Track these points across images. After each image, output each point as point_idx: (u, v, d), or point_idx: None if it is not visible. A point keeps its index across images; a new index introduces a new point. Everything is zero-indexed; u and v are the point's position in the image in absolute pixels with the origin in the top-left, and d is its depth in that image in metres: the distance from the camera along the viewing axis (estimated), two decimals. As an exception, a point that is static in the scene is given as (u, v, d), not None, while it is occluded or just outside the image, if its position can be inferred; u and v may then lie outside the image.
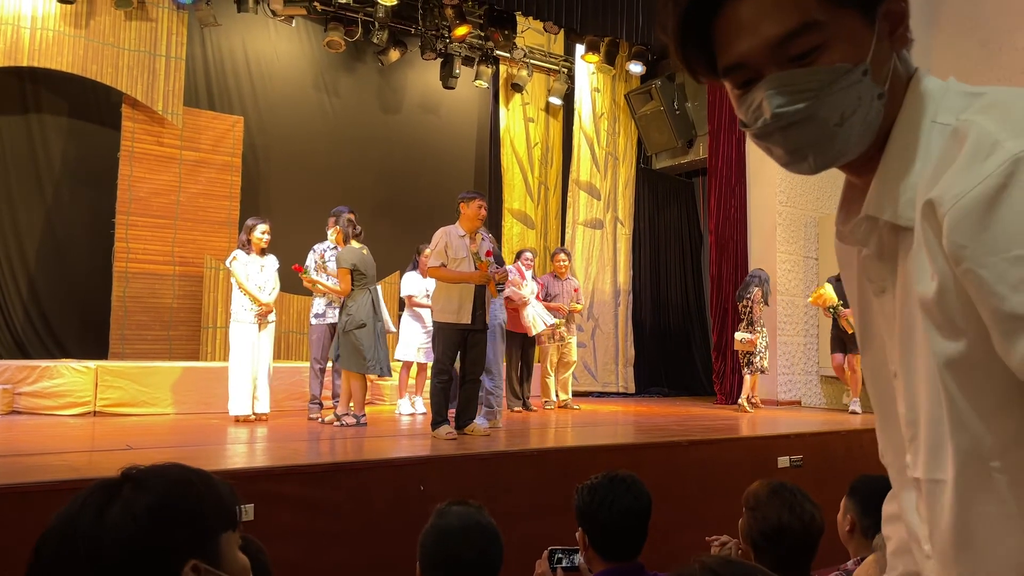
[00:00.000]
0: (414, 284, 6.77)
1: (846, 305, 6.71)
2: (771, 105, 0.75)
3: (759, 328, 7.23)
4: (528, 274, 7.16)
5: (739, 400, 7.41)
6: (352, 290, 5.65)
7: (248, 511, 3.30)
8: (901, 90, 0.78)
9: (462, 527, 1.64)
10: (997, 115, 0.68)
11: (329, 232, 6.25)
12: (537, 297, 7.20)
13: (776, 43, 0.74)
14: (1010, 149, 0.65)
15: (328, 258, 6.16)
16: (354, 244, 5.79)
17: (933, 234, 0.69)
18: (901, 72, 0.78)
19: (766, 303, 7.34)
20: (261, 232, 5.97)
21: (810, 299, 7.34)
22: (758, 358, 7.22)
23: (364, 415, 5.62)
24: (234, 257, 5.92)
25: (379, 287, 5.97)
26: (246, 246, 5.94)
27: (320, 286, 6.11)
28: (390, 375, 6.14)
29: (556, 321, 7.25)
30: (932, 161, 0.72)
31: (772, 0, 0.73)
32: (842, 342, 7.13)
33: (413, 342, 6.71)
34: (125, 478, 0.88)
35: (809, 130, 0.75)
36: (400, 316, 7.08)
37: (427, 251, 5.65)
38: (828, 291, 7.04)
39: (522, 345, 7.15)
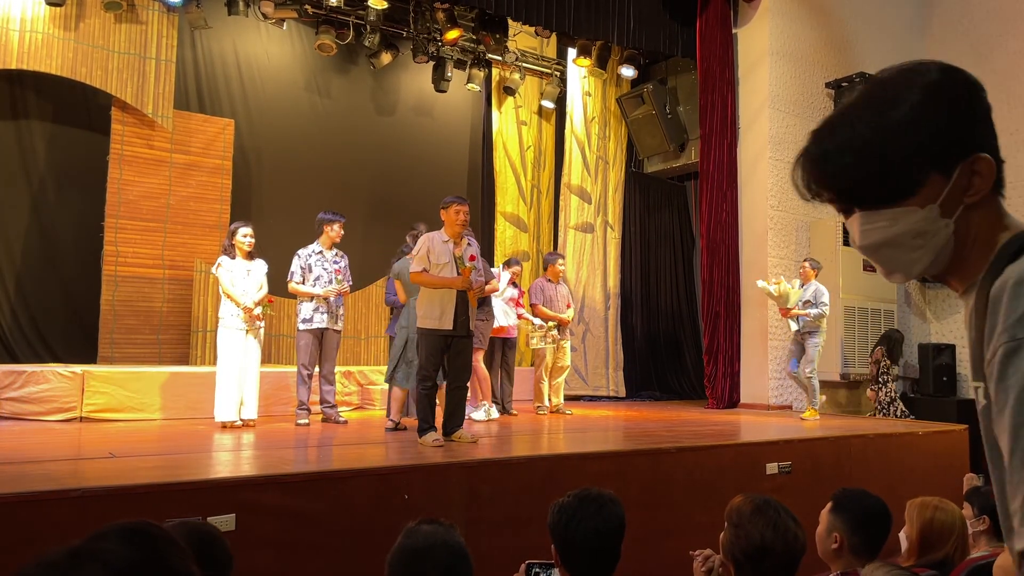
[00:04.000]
0: None
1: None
2: (859, 235, 1.00)
3: (879, 384, 7.86)
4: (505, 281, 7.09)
5: None
6: None
7: (229, 521, 3.28)
8: (984, 237, 0.96)
9: (429, 547, 1.62)
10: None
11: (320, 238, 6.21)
12: (516, 303, 7.15)
13: None
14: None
15: (315, 263, 6.11)
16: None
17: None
18: (982, 220, 0.96)
19: (891, 361, 7.90)
20: (243, 236, 5.90)
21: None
22: (881, 413, 7.81)
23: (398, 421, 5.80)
24: (219, 264, 5.88)
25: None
26: (230, 250, 5.90)
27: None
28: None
29: (547, 325, 7.18)
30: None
31: None
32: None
33: None
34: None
35: (890, 253, 0.99)
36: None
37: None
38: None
39: (503, 349, 7.08)
